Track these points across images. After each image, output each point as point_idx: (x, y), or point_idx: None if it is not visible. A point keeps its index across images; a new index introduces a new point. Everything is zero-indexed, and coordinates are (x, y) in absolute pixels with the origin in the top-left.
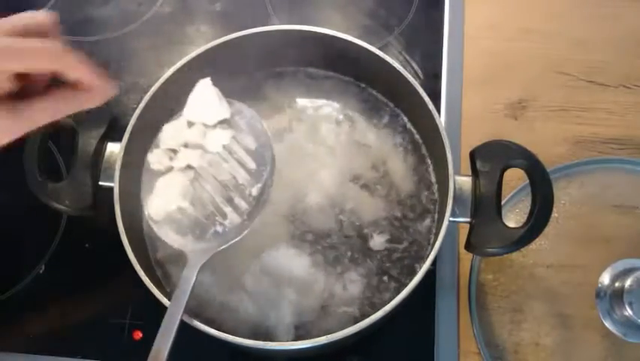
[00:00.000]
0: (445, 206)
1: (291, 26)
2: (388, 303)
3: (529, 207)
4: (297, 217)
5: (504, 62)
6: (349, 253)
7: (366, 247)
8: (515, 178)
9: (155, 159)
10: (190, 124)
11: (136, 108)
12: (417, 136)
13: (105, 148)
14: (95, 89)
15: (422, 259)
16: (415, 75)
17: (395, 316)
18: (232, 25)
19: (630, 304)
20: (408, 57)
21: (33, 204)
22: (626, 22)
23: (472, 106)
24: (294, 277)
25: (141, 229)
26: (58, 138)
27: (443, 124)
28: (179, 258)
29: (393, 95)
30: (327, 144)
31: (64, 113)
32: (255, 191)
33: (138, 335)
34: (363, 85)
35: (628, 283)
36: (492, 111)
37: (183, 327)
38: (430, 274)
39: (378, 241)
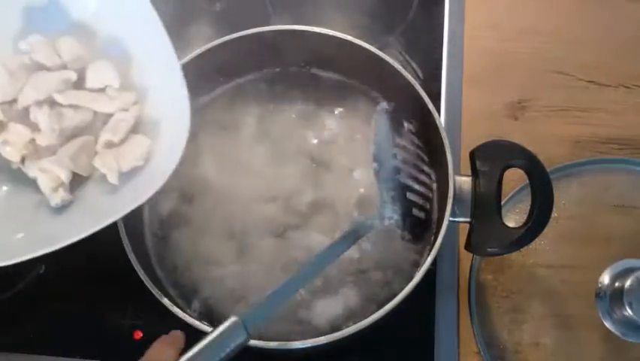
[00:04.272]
0: (445, 206)
1: (291, 26)
2: (388, 303)
3: (529, 207)
4: (293, 215)
5: (504, 61)
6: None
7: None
8: (515, 178)
9: None
10: None
11: None
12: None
13: None
14: None
15: (422, 258)
16: (415, 75)
17: (395, 316)
18: (232, 25)
19: (630, 304)
20: (408, 57)
21: None
22: (626, 22)
23: (472, 106)
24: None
25: (141, 228)
26: None
27: (443, 124)
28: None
29: (393, 95)
30: (325, 143)
31: None
32: None
33: (138, 334)
34: (362, 85)
35: (628, 283)
36: (492, 111)
37: (182, 326)
38: (430, 274)
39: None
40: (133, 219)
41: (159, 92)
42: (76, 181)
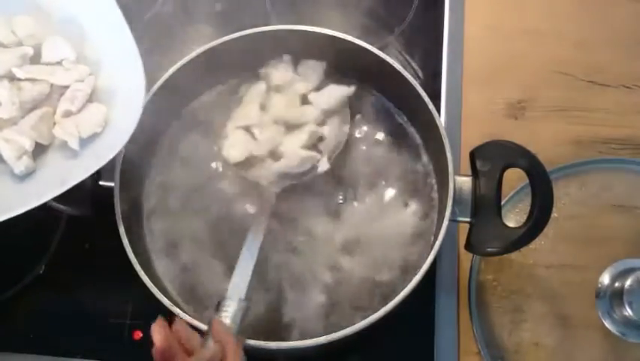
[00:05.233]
0: (445, 206)
1: (291, 26)
2: (388, 303)
3: (529, 207)
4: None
5: (504, 62)
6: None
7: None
8: (515, 178)
9: None
10: None
11: None
12: (417, 136)
13: None
14: None
15: (422, 259)
16: (415, 75)
17: (395, 316)
18: (232, 25)
19: (630, 304)
20: (408, 57)
21: None
22: (626, 22)
23: (472, 106)
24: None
25: (141, 228)
26: None
27: (443, 124)
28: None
29: (393, 95)
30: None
31: None
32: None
33: (138, 335)
34: (362, 85)
35: (628, 283)
36: (492, 111)
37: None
38: (430, 274)
39: None
40: (134, 219)
41: (114, 65)
42: (37, 151)
